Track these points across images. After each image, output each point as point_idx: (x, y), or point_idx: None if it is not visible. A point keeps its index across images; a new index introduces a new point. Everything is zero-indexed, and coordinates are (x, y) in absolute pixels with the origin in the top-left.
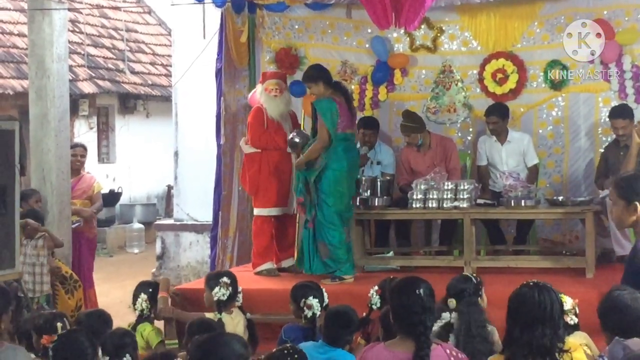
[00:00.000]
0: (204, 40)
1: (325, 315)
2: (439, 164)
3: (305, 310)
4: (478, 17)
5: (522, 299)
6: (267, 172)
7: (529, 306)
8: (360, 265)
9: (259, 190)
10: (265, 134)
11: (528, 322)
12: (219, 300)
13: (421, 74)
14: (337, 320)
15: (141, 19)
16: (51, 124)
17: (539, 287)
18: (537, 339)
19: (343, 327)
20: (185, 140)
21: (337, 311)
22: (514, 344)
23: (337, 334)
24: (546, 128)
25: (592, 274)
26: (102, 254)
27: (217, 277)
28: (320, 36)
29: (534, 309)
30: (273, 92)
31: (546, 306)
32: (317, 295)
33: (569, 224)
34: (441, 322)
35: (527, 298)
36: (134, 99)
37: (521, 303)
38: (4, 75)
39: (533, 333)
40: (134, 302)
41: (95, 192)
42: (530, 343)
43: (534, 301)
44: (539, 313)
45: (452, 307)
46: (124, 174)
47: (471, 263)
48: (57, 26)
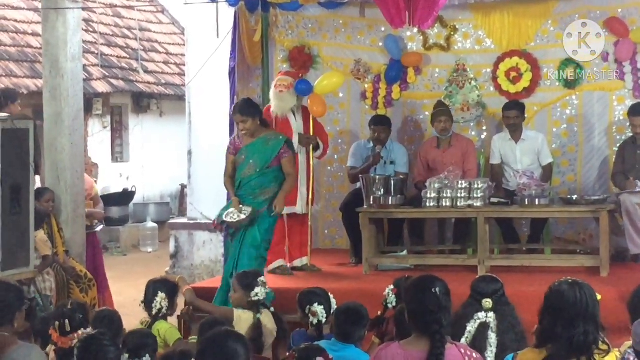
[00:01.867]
0: (217, 39)
1: (335, 312)
2: (456, 164)
3: (310, 317)
4: (492, 15)
5: (562, 296)
6: None
7: (571, 303)
8: (373, 264)
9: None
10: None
11: (570, 319)
12: (258, 300)
13: (435, 73)
14: (348, 316)
15: (155, 18)
16: (65, 123)
17: (579, 284)
18: (579, 335)
19: (354, 324)
20: (199, 139)
21: (348, 308)
22: (554, 340)
23: (348, 330)
24: (560, 127)
25: (607, 272)
26: (115, 253)
27: (252, 277)
28: (334, 35)
29: (576, 306)
30: (279, 87)
31: (588, 304)
32: (322, 302)
33: (583, 223)
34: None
35: (568, 295)
36: (148, 98)
37: (562, 300)
38: (18, 74)
39: (575, 330)
40: (150, 301)
41: (95, 193)
42: (571, 340)
43: (575, 299)
44: (582, 310)
45: (489, 307)
46: (138, 173)
47: (485, 262)
48: (71, 25)
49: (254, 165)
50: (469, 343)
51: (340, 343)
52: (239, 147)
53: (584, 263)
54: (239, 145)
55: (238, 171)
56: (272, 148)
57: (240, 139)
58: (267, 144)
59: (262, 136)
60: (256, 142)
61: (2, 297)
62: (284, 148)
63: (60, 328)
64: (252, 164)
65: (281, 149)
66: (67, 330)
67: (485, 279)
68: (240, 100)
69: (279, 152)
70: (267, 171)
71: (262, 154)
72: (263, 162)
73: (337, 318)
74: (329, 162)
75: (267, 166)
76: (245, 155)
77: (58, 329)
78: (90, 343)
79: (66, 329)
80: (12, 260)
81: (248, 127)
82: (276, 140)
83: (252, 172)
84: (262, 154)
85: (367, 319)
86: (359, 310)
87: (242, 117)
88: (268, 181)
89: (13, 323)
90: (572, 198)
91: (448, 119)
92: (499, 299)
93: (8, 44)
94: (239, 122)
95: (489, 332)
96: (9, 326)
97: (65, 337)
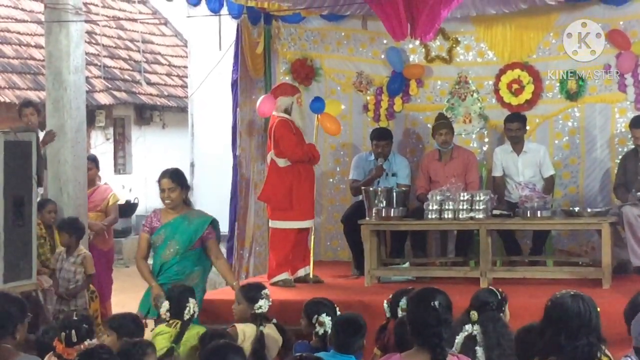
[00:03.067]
0: (220, 51)
1: (334, 323)
2: (458, 176)
3: (317, 327)
4: (493, 28)
5: (566, 308)
6: (299, 185)
7: (575, 315)
8: (375, 276)
9: (292, 203)
10: (299, 145)
11: (574, 330)
12: (262, 313)
13: (437, 85)
14: (347, 327)
15: (157, 30)
16: (68, 135)
17: (581, 296)
18: (583, 347)
19: (353, 334)
20: (201, 151)
21: (346, 318)
22: (557, 352)
23: (347, 341)
24: (562, 139)
25: (609, 284)
26: (118, 265)
27: (255, 289)
28: (336, 47)
29: (579, 317)
30: (299, 101)
31: (591, 316)
32: (330, 313)
33: (585, 235)
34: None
35: (572, 307)
36: (150, 110)
37: (566, 312)
38: (21, 86)
39: (579, 341)
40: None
41: (111, 204)
42: (575, 351)
43: (579, 310)
44: (585, 322)
45: (474, 319)
46: (140, 184)
47: (487, 274)
48: (74, 38)
49: (174, 247)
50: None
51: (339, 354)
52: (156, 226)
53: (586, 275)
54: (156, 225)
55: (156, 254)
56: (196, 228)
57: (158, 216)
58: (190, 223)
59: (183, 214)
60: (176, 220)
61: (4, 309)
62: (209, 229)
63: (66, 339)
64: (172, 245)
65: (206, 230)
66: (74, 341)
67: (483, 291)
68: (170, 168)
69: (203, 232)
70: (189, 254)
71: (184, 234)
72: (185, 244)
73: (336, 329)
74: (331, 174)
75: (190, 248)
76: (164, 235)
77: (64, 340)
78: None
79: (72, 340)
80: (15, 272)
81: (174, 198)
82: (200, 220)
83: (172, 255)
84: (184, 234)
85: (365, 330)
86: (357, 321)
87: (171, 184)
88: (191, 264)
89: (15, 335)
90: (574, 210)
91: (449, 132)
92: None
93: (11, 56)
94: (165, 188)
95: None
96: (10, 338)
97: (71, 347)
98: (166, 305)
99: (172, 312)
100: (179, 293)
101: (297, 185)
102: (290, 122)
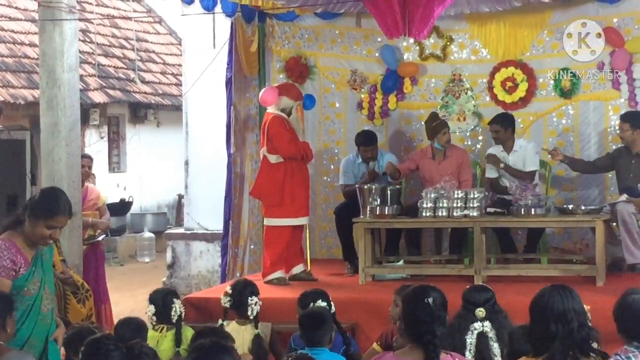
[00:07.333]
0: (214, 49)
1: (299, 319)
2: (452, 175)
3: None
4: (487, 25)
5: (547, 297)
6: (292, 182)
7: (558, 299)
8: (370, 274)
9: (284, 200)
10: (292, 142)
11: (561, 313)
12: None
13: (431, 83)
14: (312, 321)
15: (152, 28)
16: (62, 134)
17: (560, 286)
18: (575, 330)
19: (319, 327)
20: (196, 149)
21: (311, 312)
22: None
23: (315, 334)
24: (556, 136)
25: (603, 282)
26: (113, 263)
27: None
28: (330, 45)
29: (563, 302)
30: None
31: (573, 300)
32: (325, 300)
33: (579, 232)
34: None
35: (551, 295)
36: (145, 109)
37: (548, 300)
38: (15, 85)
39: (570, 325)
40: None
41: (102, 204)
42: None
43: (560, 296)
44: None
45: (482, 316)
46: (135, 183)
47: (481, 271)
48: (68, 36)
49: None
50: (473, 355)
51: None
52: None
53: (580, 272)
54: (22, 270)
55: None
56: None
57: (20, 256)
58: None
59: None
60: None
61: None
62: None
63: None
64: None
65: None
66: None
67: (476, 288)
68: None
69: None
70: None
71: (51, 273)
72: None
73: (302, 324)
74: (325, 172)
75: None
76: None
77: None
78: (95, 347)
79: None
80: None
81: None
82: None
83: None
84: (51, 273)
85: (330, 321)
86: (321, 314)
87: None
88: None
89: (5, 329)
90: (568, 208)
91: (448, 130)
92: (491, 307)
93: (5, 54)
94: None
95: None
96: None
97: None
98: (152, 309)
99: (158, 316)
100: (162, 296)
101: (289, 182)
102: (284, 120)
